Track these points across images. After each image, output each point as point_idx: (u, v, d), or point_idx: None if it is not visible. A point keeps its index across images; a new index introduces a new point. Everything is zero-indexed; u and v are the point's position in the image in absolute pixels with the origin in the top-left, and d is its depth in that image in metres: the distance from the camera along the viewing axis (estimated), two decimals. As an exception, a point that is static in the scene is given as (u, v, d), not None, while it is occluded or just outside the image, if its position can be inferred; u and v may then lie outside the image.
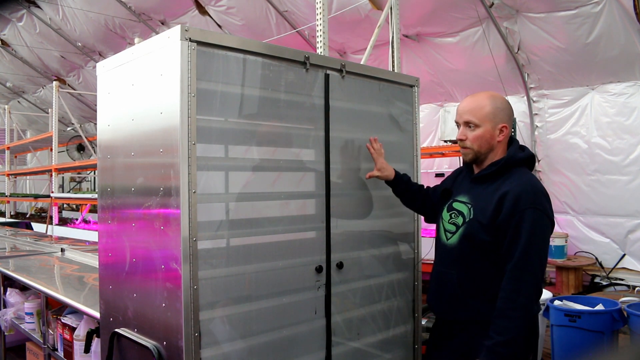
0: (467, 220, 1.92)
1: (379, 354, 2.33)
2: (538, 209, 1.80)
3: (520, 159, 1.94)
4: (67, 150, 10.45)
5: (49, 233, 7.37)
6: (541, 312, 3.62)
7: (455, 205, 2.00)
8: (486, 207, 1.87)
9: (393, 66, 3.77)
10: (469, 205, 1.94)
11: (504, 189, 1.85)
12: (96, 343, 2.63)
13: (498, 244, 1.84)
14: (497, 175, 1.92)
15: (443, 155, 6.09)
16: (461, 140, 1.96)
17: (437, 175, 6.65)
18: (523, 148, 1.99)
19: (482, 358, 1.77)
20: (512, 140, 1.99)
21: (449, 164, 6.68)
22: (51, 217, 8.07)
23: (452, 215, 1.99)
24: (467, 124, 1.93)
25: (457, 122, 1.99)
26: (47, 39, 10.65)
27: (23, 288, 3.66)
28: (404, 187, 2.28)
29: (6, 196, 10.41)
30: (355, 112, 2.29)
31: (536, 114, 6.15)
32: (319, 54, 3.26)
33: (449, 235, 1.98)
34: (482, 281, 1.89)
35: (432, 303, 2.09)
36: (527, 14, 5.46)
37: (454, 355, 1.98)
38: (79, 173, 13.19)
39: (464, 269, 1.92)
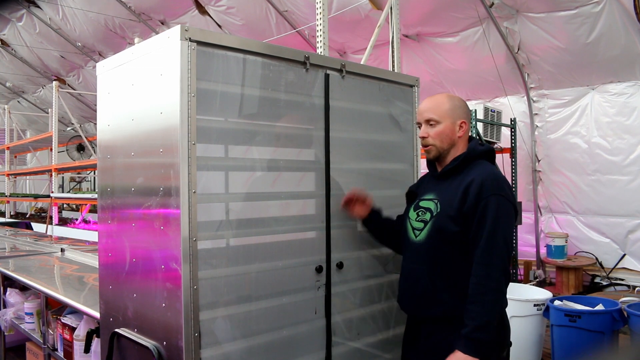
0: (434, 214, 1.96)
1: (379, 354, 2.33)
2: (501, 195, 1.87)
3: (481, 152, 2.02)
4: (67, 150, 10.44)
5: (48, 233, 7.37)
6: (541, 312, 3.63)
7: (422, 203, 2.04)
8: (452, 199, 1.92)
9: (393, 66, 3.77)
10: (436, 201, 1.99)
11: (468, 179, 1.91)
12: (96, 343, 2.63)
13: (466, 233, 1.89)
14: (460, 169, 1.99)
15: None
16: (423, 138, 2.02)
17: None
18: (482, 143, 2.08)
19: (461, 347, 1.79)
20: (471, 138, 2.08)
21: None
22: (51, 217, 8.07)
23: (419, 213, 2.03)
24: (428, 121, 2.01)
25: (418, 123, 2.06)
26: (47, 39, 10.65)
27: (23, 288, 3.66)
28: (378, 222, 2.24)
29: (6, 196, 10.41)
30: (355, 112, 2.29)
31: (536, 114, 6.15)
32: (319, 54, 3.25)
33: (417, 232, 2.01)
34: (453, 274, 1.91)
35: (404, 301, 2.09)
36: (527, 14, 5.46)
37: (426, 357, 1.97)
38: (79, 173, 13.19)
39: (435, 264, 1.94)
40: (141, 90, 1.87)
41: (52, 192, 8.45)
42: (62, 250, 4.57)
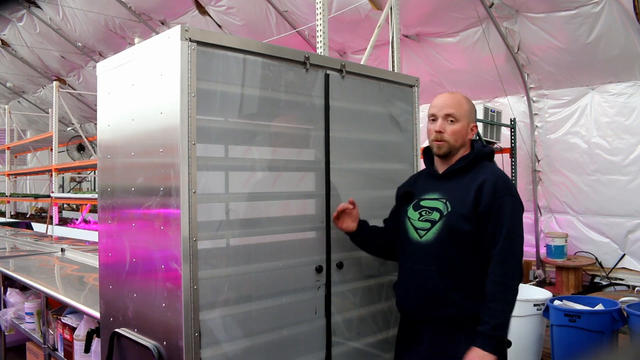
0: (445, 214, 1.94)
1: (379, 354, 2.33)
2: (514, 196, 1.92)
3: (486, 153, 2.05)
4: (67, 150, 10.44)
5: (49, 233, 7.36)
6: (541, 311, 3.63)
7: (425, 203, 2.02)
8: (464, 198, 1.92)
9: (393, 66, 3.78)
10: (444, 200, 1.97)
11: (480, 178, 1.93)
12: (96, 343, 2.63)
13: (479, 233, 1.90)
14: (467, 169, 2.00)
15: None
16: (440, 132, 1.99)
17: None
18: (485, 145, 2.12)
19: (479, 344, 1.79)
20: (472, 140, 2.10)
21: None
22: (51, 217, 8.07)
23: (423, 213, 2.00)
24: (448, 116, 1.99)
25: (433, 115, 2.02)
26: (47, 39, 10.65)
27: (23, 288, 3.66)
28: (367, 233, 2.18)
29: (6, 196, 10.41)
30: (355, 112, 2.29)
31: (536, 114, 6.15)
32: (319, 54, 3.26)
33: (422, 232, 1.98)
34: (464, 274, 1.91)
35: (407, 303, 2.04)
36: (527, 14, 5.46)
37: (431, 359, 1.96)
38: (79, 173, 13.19)
39: (445, 264, 1.92)
40: (141, 90, 1.87)
41: (53, 192, 8.45)
42: (63, 250, 4.57)
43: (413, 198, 2.08)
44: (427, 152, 2.11)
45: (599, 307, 3.46)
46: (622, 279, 5.58)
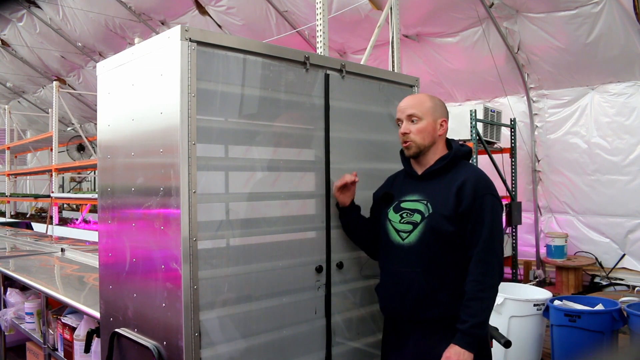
0: (427, 215, 1.93)
1: (379, 354, 2.32)
2: (494, 195, 1.93)
3: (464, 153, 2.04)
4: (67, 150, 10.44)
5: (49, 233, 7.36)
6: (541, 312, 3.63)
7: (406, 205, 2.00)
8: (445, 199, 1.92)
9: (393, 66, 3.78)
10: (424, 202, 1.96)
11: (460, 178, 1.93)
12: (96, 343, 2.63)
13: (461, 233, 1.90)
14: (446, 169, 1.99)
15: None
16: (405, 134, 1.99)
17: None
18: (463, 144, 2.09)
19: (458, 341, 1.81)
20: (447, 139, 2.08)
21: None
22: (51, 217, 8.06)
23: (405, 215, 1.99)
24: (410, 117, 1.99)
25: (399, 119, 2.04)
26: (47, 39, 10.66)
27: (23, 288, 3.66)
28: (359, 214, 2.19)
29: (6, 196, 10.41)
30: (355, 112, 2.29)
31: (536, 114, 6.15)
32: (319, 54, 3.26)
33: (404, 235, 1.96)
34: (450, 274, 1.91)
35: (393, 305, 2.03)
36: (527, 14, 5.46)
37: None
38: (79, 173, 13.19)
39: (430, 265, 1.92)
40: (141, 91, 1.87)
41: (53, 192, 8.44)
42: (63, 250, 4.57)
43: (393, 200, 2.06)
44: (404, 153, 2.10)
45: (599, 307, 3.46)
46: (622, 279, 5.58)
